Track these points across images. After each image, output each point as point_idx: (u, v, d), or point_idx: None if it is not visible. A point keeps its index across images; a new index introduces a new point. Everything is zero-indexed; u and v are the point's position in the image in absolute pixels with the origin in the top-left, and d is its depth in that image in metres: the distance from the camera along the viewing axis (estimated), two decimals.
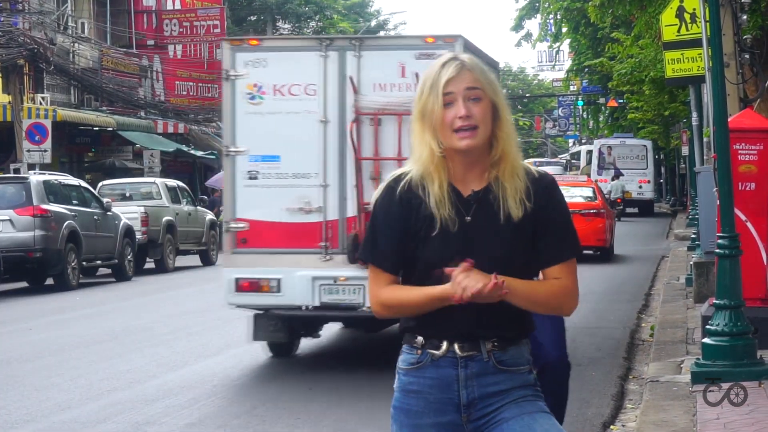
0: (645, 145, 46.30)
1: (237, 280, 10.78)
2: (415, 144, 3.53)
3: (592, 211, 23.91)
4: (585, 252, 23.82)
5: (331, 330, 13.49)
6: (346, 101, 10.62)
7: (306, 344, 12.91)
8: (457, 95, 3.45)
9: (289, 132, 10.67)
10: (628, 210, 44.29)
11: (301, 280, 10.63)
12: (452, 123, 3.45)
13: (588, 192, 25.10)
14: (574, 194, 24.15)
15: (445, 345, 3.53)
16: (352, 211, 10.57)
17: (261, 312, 11.18)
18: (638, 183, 44.92)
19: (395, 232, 3.52)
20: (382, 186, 3.59)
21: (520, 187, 3.49)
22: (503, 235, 3.48)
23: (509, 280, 3.41)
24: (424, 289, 3.47)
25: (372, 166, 10.55)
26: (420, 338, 3.55)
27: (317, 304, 10.72)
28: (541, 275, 3.59)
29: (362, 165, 10.56)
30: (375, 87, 10.58)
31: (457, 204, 3.50)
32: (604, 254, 24.48)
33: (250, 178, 10.72)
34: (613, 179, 43.03)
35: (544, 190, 3.53)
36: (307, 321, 11.50)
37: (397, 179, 3.54)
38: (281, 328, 11.18)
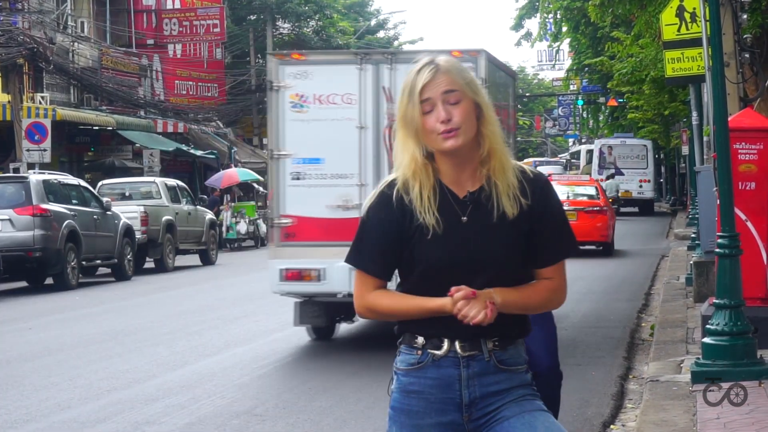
0: (645, 145, 46.94)
1: (283, 270, 11.92)
2: (398, 151, 3.53)
3: (595, 208, 24.99)
4: (588, 247, 24.28)
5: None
6: (381, 109, 11.83)
7: (306, 344, 12.91)
8: (436, 100, 3.45)
9: (330, 137, 11.82)
10: (629, 209, 44.83)
11: (340, 270, 11.54)
12: (434, 128, 3.45)
13: (591, 191, 26.21)
14: (579, 193, 25.35)
15: (446, 345, 3.53)
16: None
17: (304, 299, 12.21)
18: (638, 182, 45.48)
19: (388, 237, 3.52)
20: (375, 192, 3.58)
21: (513, 183, 3.50)
22: (500, 234, 3.49)
23: (504, 293, 3.46)
24: (419, 301, 3.49)
25: None
26: (420, 338, 3.55)
27: None
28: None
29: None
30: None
31: (453, 205, 3.51)
32: (606, 249, 25.50)
33: (295, 179, 11.87)
34: (608, 178, 43.30)
35: (540, 190, 3.54)
36: (346, 307, 12.35)
37: (390, 185, 3.54)
38: (322, 313, 12.35)
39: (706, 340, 9.17)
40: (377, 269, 3.55)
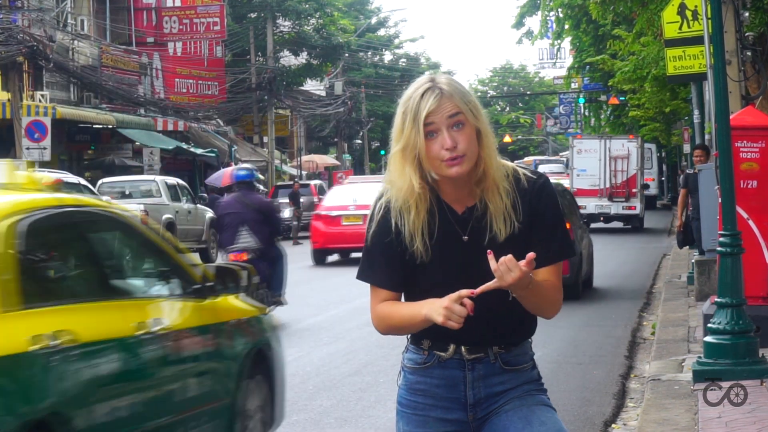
0: (650, 148, 49.47)
1: None
2: (395, 175, 3.50)
3: None
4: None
5: (330, 331, 13.45)
6: (606, 154, 34.76)
7: (306, 343, 12.89)
8: (440, 125, 3.42)
9: (588, 162, 34.71)
10: None
11: None
12: (439, 154, 3.43)
13: None
14: None
15: (452, 347, 3.57)
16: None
17: None
18: (644, 181, 48.33)
19: (392, 259, 3.53)
20: (373, 213, 3.56)
21: (506, 202, 3.49)
22: (501, 251, 3.45)
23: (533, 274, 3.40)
24: (412, 307, 3.48)
25: (615, 174, 34.67)
26: (427, 340, 3.58)
27: None
28: None
29: (613, 174, 34.82)
30: (613, 150, 34.82)
31: (453, 224, 3.51)
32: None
33: (576, 176, 34.71)
34: None
35: (536, 195, 3.53)
36: None
37: (388, 208, 3.53)
38: None
39: (708, 338, 9.14)
40: (387, 281, 3.56)
